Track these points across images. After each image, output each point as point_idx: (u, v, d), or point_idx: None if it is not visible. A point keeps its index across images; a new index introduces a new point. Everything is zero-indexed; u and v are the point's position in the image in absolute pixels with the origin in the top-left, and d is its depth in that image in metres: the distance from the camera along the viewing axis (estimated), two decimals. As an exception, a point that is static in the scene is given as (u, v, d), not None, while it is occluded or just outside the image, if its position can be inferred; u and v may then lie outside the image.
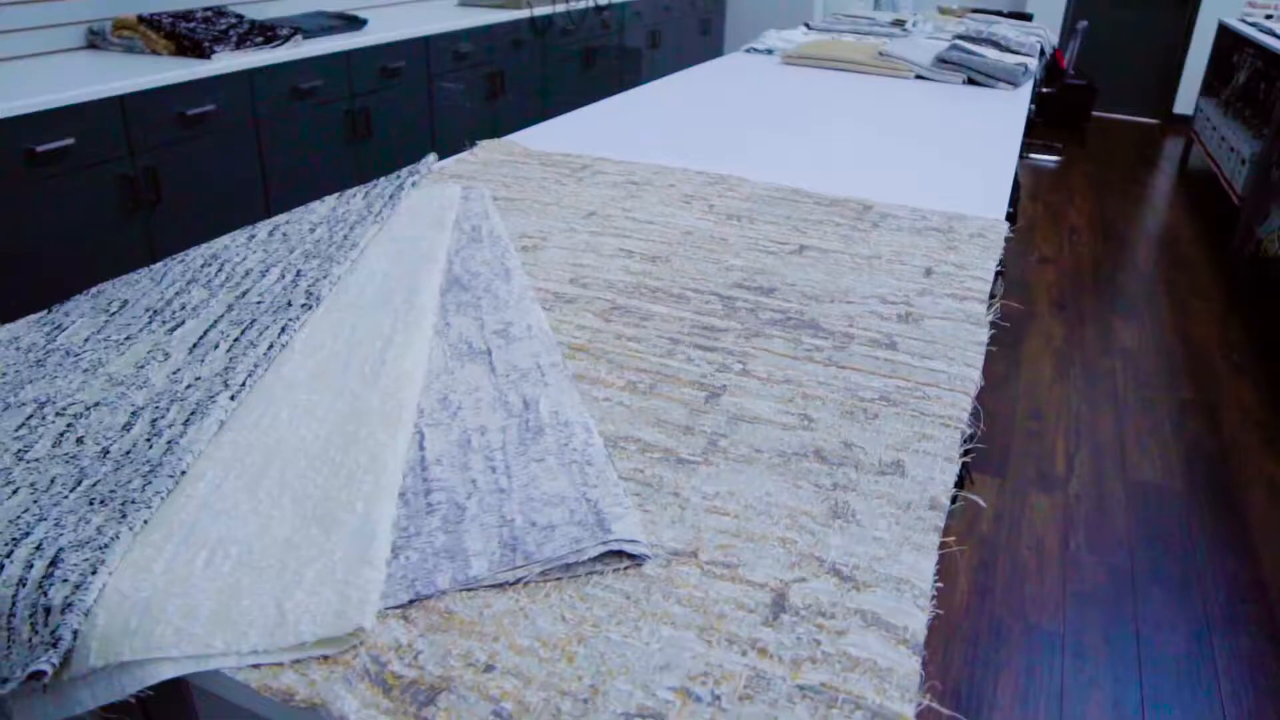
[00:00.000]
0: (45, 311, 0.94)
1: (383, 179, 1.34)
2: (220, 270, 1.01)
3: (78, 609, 0.54)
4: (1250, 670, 1.63)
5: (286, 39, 2.45)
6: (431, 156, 1.45)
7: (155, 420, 0.73)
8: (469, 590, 0.59)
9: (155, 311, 0.92)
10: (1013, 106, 2.19)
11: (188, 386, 0.78)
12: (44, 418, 0.74)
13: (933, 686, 0.56)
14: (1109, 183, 4.50)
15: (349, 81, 2.70)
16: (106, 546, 0.58)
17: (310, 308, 0.91)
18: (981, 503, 0.67)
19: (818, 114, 1.99)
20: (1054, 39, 3.59)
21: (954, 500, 0.72)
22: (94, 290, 0.98)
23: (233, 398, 0.75)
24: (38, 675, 0.53)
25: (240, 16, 2.53)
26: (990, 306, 1.04)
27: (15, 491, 0.65)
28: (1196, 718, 1.54)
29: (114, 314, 0.92)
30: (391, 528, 0.62)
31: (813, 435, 0.78)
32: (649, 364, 0.88)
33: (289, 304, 0.92)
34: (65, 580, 0.56)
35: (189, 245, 2.27)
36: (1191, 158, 4.94)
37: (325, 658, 0.53)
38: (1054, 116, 5.43)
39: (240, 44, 2.35)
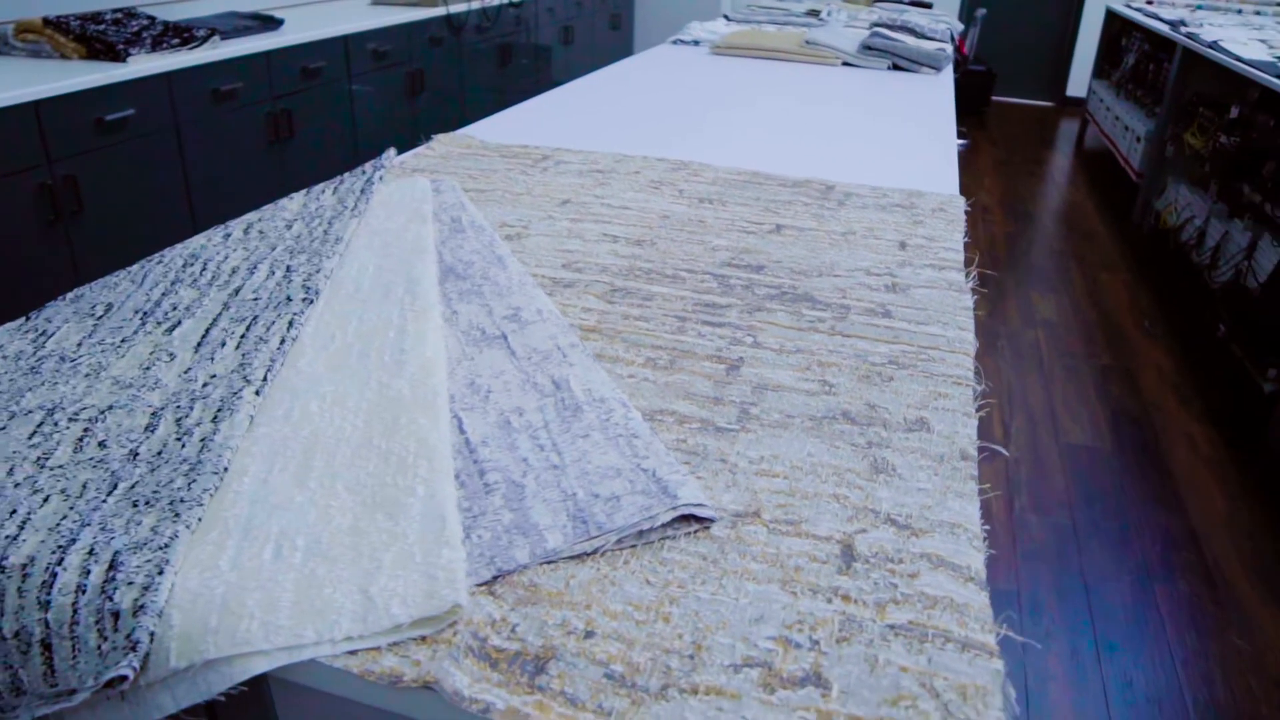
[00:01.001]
0: (23, 319, 0.89)
1: (348, 174, 1.31)
2: (204, 269, 0.98)
3: (151, 610, 0.52)
4: (1191, 611, 1.75)
5: (204, 40, 2.36)
6: (391, 151, 1.43)
7: (180, 420, 0.70)
8: (549, 563, 0.59)
9: (146, 313, 0.88)
10: (940, 90, 2.28)
11: (204, 385, 0.75)
12: (56, 424, 0.70)
13: (1008, 617, 0.59)
14: (1014, 164, 4.72)
15: (270, 83, 2.61)
16: (167, 546, 0.56)
17: (311, 301, 0.89)
18: (1005, 452, 0.71)
19: (759, 101, 2.03)
20: (959, 26, 3.74)
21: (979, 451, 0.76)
22: (72, 295, 0.93)
23: (257, 393, 0.73)
24: (116, 681, 0.51)
25: (152, 18, 2.42)
26: (968, 274, 1.09)
27: (46, 499, 0.62)
28: (1148, 659, 1.64)
29: (100, 318, 0.88)
30: (456, 509, 0.62)
31: (836, 399, 0.80)
32: (663, 341, 0.89)
33: (288, 299, 0.89)
34: (130, 583, 0.53)
35: (114, 254, 2.17)
36: (1087, 138, 5.23)
37: (422, 638, 0.53)
38: (957, 102, 5.65)
39: (156, 46, 2.24)
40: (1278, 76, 2.54)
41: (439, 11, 3.41)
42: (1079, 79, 5.96)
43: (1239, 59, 2.85)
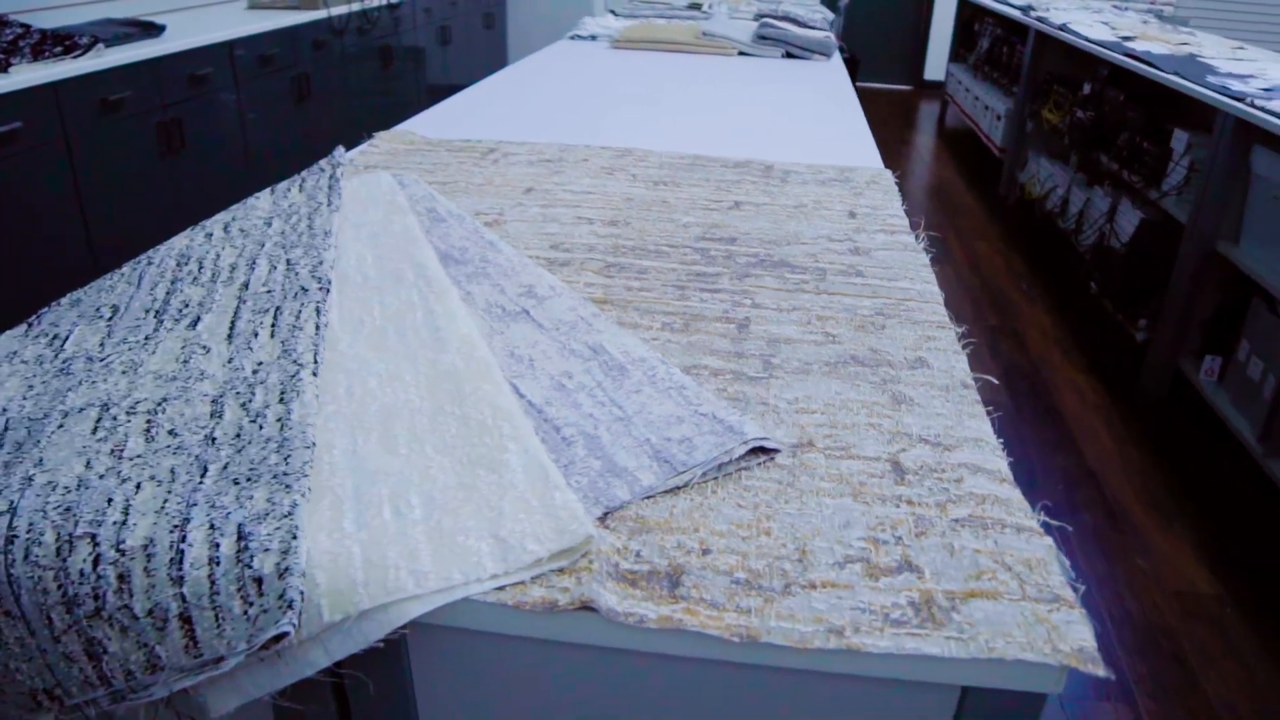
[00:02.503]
0: (24, 326, 0.86)
1: (307, 172, 1.31)
2: (201, 268, 0.97)
3: (295, 571, 0.54)
4: (1096, 541, 1.95)
5: (88, 48, 2.24)
6: (340, 149, 1.42)
7: (245, 404, 0.71)
8: (648, 499, 0.64)
9: (158, 312, 0.87)
10: (836, 74, 2.43)
11: (254, 372, 0.76)
12: (115, 418, 0.70)
13: (1044, 506, 0.68)
14: (883, 144, 5.00)
15: (158, 91, 2.50)
16: (289, 514, 0.58)
17: (327, 291, 0.90)
18: (995, 380, 0.81)
19: (674, 90, 2.11)
20: (830, 15, 3.95)
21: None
22: (68, 300, 0.91)
23: (314, 374, 0.75)
24: (272, 641, 0.53)
25: (27, 26, 2.28)
26: (917, 236, 1.20)
27: (139, 487, 0.62)
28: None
29: (111, 319, 0.86)
30: (550, 461, 0.66)
31: (842, 347, 0.89)
32: (672, 307, 0.95)
33: (303, 289, 0.90)
34: (266, 550, 0.56)
35: (7, 274, 2.03)
36: (948, 118, 5.59)
37: (560, 570, 0.57)
38: (823, 94, 5.93)
39: (37, 55, 2.12)
40: (1125, 55, 2.83)
41: (320, 14, 3.34)
42: (935, 63, 6.36)
43: (1089, 40, 3.14)
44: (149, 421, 0.70)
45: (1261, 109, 2.07)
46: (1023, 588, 0.58)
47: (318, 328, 0.83)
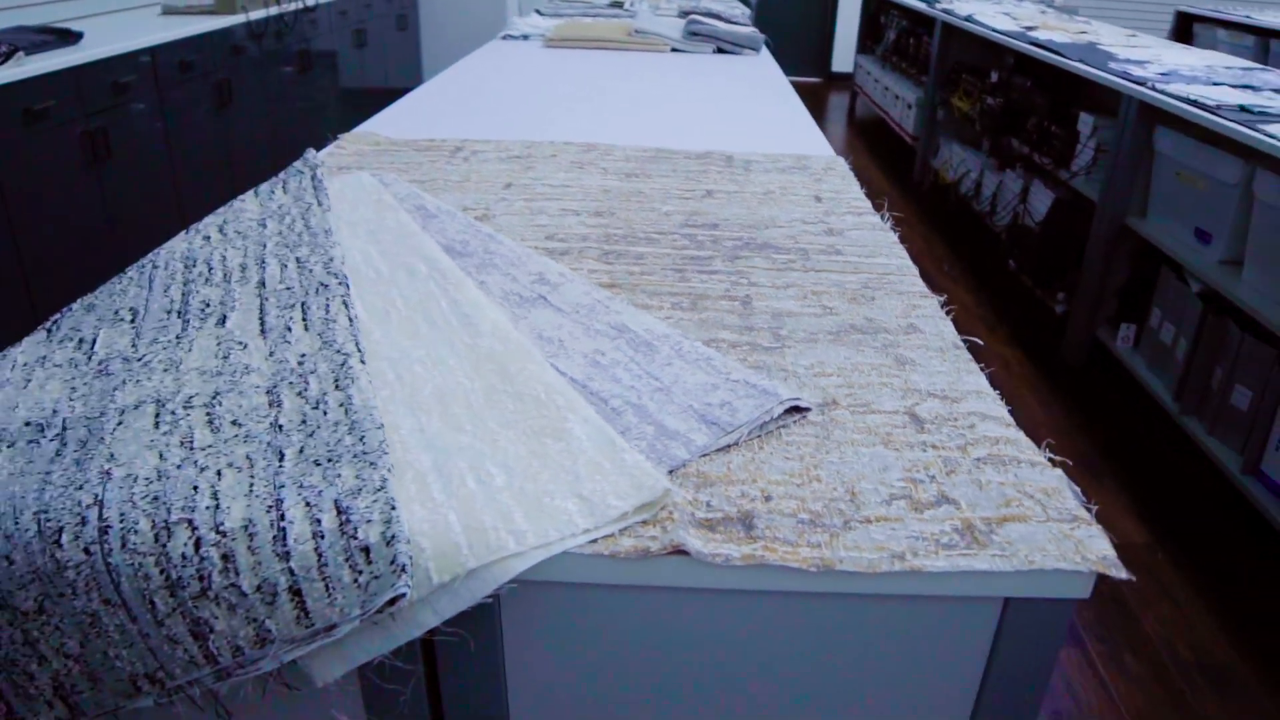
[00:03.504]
0: (44, 332, 0.86)
1: (284, 173, 1.31)
2: (211, 269, 0.98)
3: (401, 538, 0.58)
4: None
5: (8, 56, 2.16)
6: (311, 151, 1.43)
7: (301, 393, 0.74)
8: (704, 456, 0.70)
9: (179, 313, 0.88)
10: (769, 68, 2.52)
11: (300, 363, 0.78)
12: (174, 413, 0.71)
13: (1049, 444, 0.76)
14: (800, 142, 5.17)
15: (81, 100, 2.42)
16: (382, 488, 0.61)
17: (346, 286, 0.93)
18: (980, 342, 0.89)
19: (619, 86, 2.17)
20: (746, 10, 4.06)
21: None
22: (80, 305, 0.91)
23: (361, 361, 0.78)
24: (391, 603, 0.56)
25: (-63, 32, 2.18)
26: (883, 217, 1.29)
27: (219, 474, 0.64)
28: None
29: (134, 321, 0.87)
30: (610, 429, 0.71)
31: (839, 318, 0.96)
32: (677, 289, 1.01)
33: (323, 285, 0.92)
34: (369, 521, 0.59)
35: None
36: (858, 108, 5.80)
37: (643, 522, 0.62)
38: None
39: (-46, 63, 2.03)
40: (1031, 44, 3.01)
41: (239, 19, 3.27)
42: (843, 55, 6.58)
43: (995, 30, 3.33)
44: (209, 414, 0.72)
45: (1162, 92, 2.25)
46: (1045, 511, 0.65)
47: (351, 320, 0.85)
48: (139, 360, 0.80)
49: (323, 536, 0.59)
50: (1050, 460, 0.72)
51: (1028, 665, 0.65)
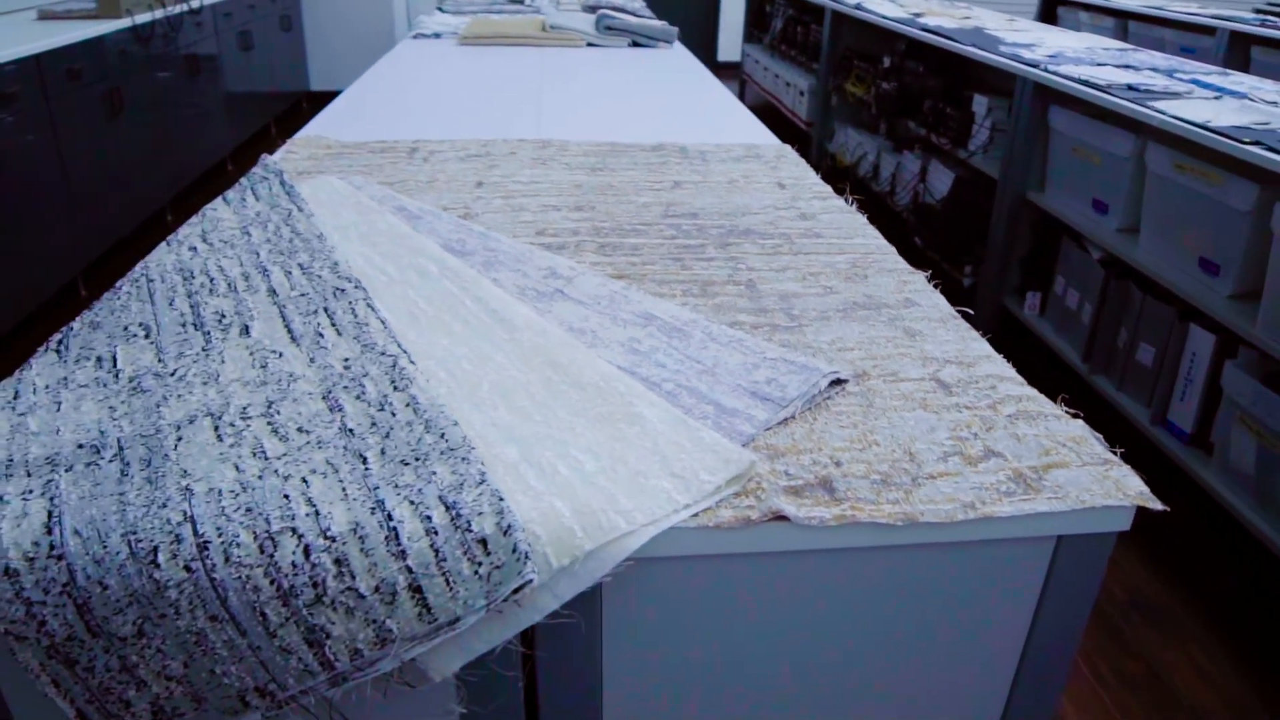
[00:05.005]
0: (54, 353, 0.82)
1: (245, 180, 1.27)
2: (213, 280, 0.95)
3: (517, 527, 0.59)
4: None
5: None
6: (266, 156, 1.39)
7: (359, 396, 0.73)
8: (767, 430, 0.73)
9: (196, 325, 0.86)
10: (688, 60, 2.58)
11: (346, 367, 0.78)
12: (233, 425, 0.70)
13: (1063, 398, 0.83)
14: (700, 132, 5.26)
15: (-36, 110, 2.26)
16: (483, 481, 0.62)
17: (363, 289, 0.92)
18: (970, 311, 0.96)
19: (549, 82, 2.17)
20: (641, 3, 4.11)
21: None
22: (83, 323, 0.87)
23: (411, 362, 0.78)
24: (517, 590, 0.58)
25: None
26: (847, 200, 1.35)
27: (305, 481, 0.64)
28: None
29: (149, 337, 0.84)
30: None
31: (841, 296, 1.01)
32: (682, 276, 1.04)
33: (340, 290, 0.91)
34: (480, 514, 0.60)
35: None
36: (748, 96, 5.93)
37: (736, 494, 0.65)
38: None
39: None
40: (922, 30, 3.17)
41: (124, 23, 3.09)
42: (729, 45, 6.72)
43: (886, 18, 3.48)
44: (270, 423, 0.71)
45: (1054, 74, 2.42)
46: (1080, 457, 0.72)
47: (384, 322, 0.85)
48: (173, 375, 0.77)
49: (436, 532, 0.59)
50: (1068, 413, 0.79)
51: (1075, 597, 0.71)
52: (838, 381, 0.81)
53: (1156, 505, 0.67)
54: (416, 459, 0.66)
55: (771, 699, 0.73)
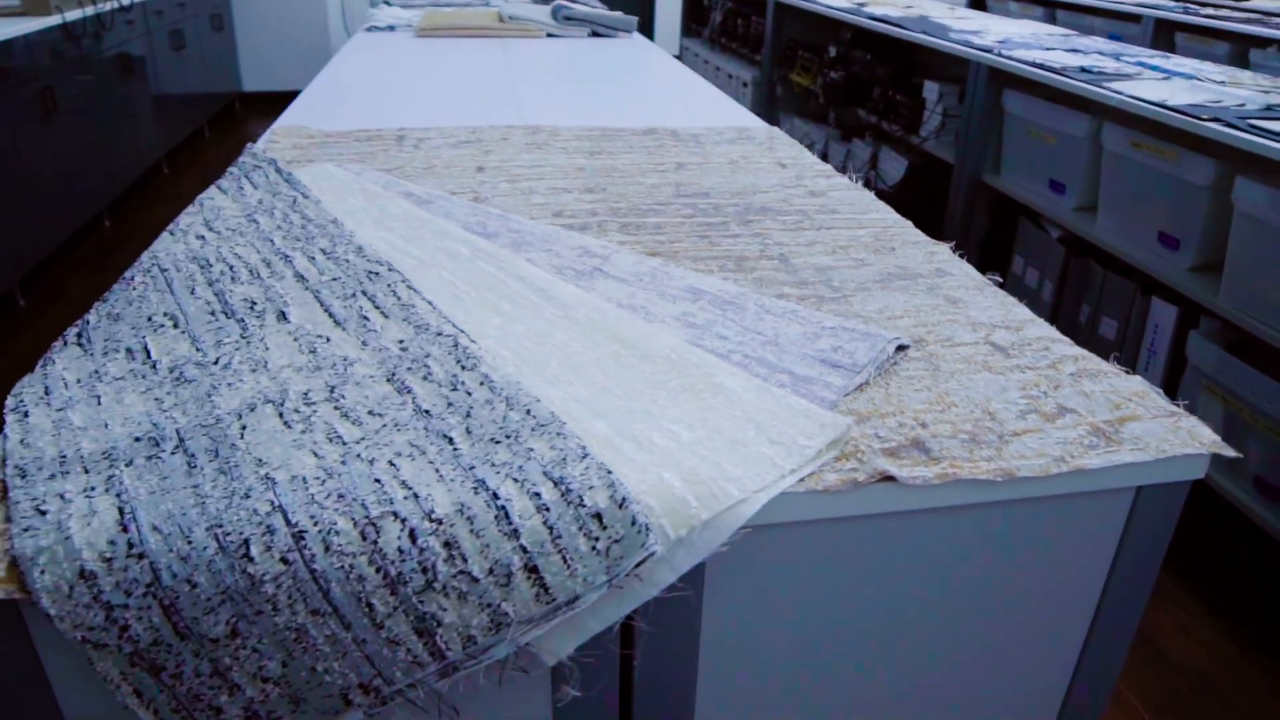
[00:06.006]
0: (75, 347, 0.76)
1: (235, 170, 1.21)
2: (232, 267, 0.90)
3: (632, 500, 0.57)
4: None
5: None
6: (252, 145, 1.33)
7: (426, 378, 0.70)
8: (846, 395, 0.73)
9: (226, 313, 0.81)
10: (651, 48, 2.56)
11: (404, 349, 0.74)
12: (297, 411, 0.66)
13: (1115, 356, 0.85)
14: (645, 126, 5.25)
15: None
16: (586, 455, 0.60)
17: (398, 272, 0.88)
18: (1000, 279, 0.98)
19: (517, 71, 2.14)
20: None
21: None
22: (101, 314, 0.81)
23: (472, 340, 0.75)
24: (639, 564, 0.56)
25: None
26: (851, 178, 1.36)
27: (392, 464, 0.61)
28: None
29: (178, 327, 0.79)
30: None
31: (874, 268, 1.01)
32: (715, 252, 1.03)
33: (373, 274, 0.88)
34: (591, 488, 0.58)
35: None
36: (692, 96, 5.96)
37: (835, 458, 0.64)
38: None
39: None
40: (871, 18, 3.22)
41: (54, 21, 2.94)
42: (665, 40, 6.73)
43: (833, 8, 3.53)
44: (337, 408, 0.67)
45: (1009, 58, 2.48)
46: (1148, 410, 0.73)
47: (431, 303, 0.81)
48: (216, 364, 0.73)
49: (547, 509, 0.57)
50: (1124, 370, 0.80)
51: (1151, 545, 0.73)
52: (900, 348, 0.81)
53: (1229, 452, 0.69)
54: (507, 436, 0.63)
55: (863, 660, 0.72)
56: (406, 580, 0.55)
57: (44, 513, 0.57)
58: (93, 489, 0.59)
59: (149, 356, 0.75)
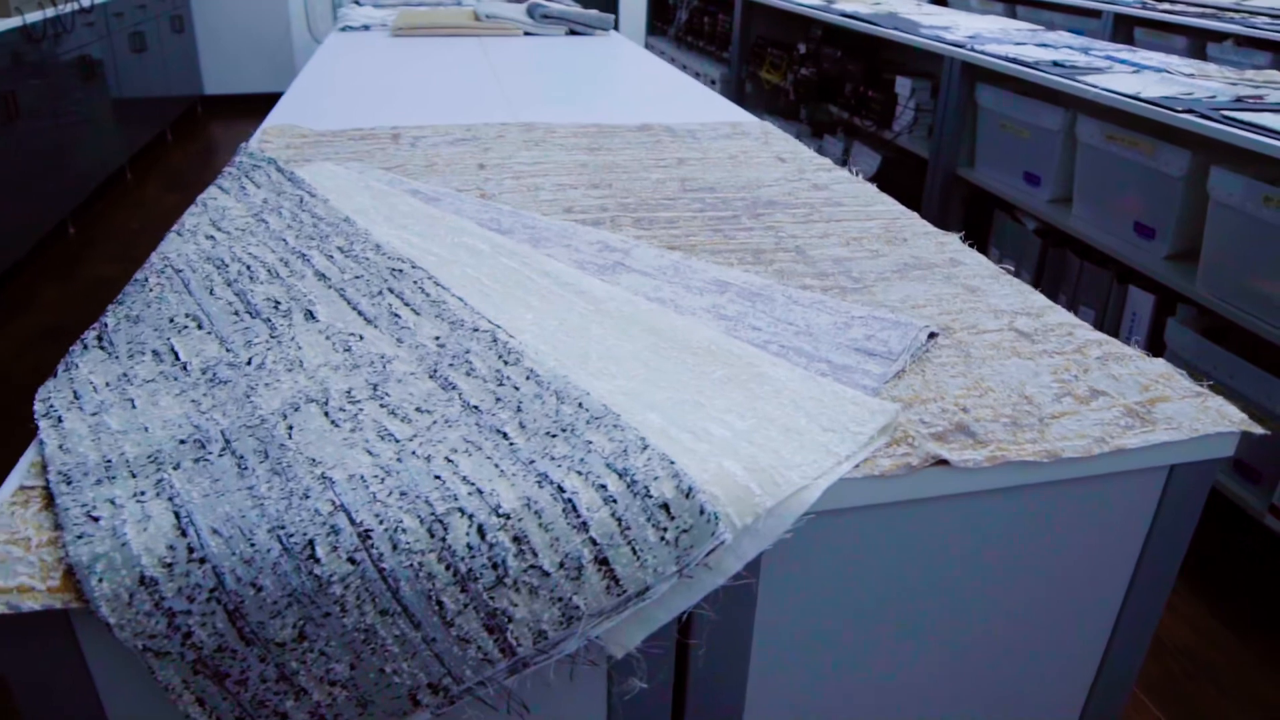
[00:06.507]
0: (97, 351, 0.74)
1: (233, 169, 1.19)
2: (248, 267, 0.88)
3: (697, 489, 0.57)
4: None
5: None
6: (244, 144, 1.31)
7: (469, 373, 0.69)
8: (887, 383, 0.73)
9: (250, 313, 0.80)
10: (630, 46, 2.56)
11: (441, 345, 0.73)
12: (343, 410, 0.65)
13: (1136, 340, 0.87)
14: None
15: None
16: (647, 446, 0.60)
17: (420, 268, 0.87)
18: (1011, 268, 1.00)
19: (499, 69, 2.12)
20: None
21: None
22: (119, 317, 0.79)
23: (510, 336, 0.74)
24: (709, 553, 0.56)
25: None
26: (853, 171, 1.37)
27: (449, 460, 0.60)
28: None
29: (204, 328, 0.77)
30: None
31: (889, 259, 1.02)
32: (731, 245, 1.03)
33: (396, 271, 0.86)
34: (656, 479, 0.58)
35: None
36: (659, 95, 5.97)
37: (886, 444, 0.65)
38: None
39: None
40: (842, 15, 3.25)
41: (14, 22, 2.86)
42: (631, 37, 6.72)
43: (804, 5, 3.56)
44: (383, 405, 0.66)
45: (983, 53, 2.52)
46: (1175, 391, 0.75)
47: (462, 300, 0.81)
48: (249, 364, 0.72)
49: (614, 501, 0.57)
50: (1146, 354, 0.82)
51: (1182, 521, 0.74)
52: (931, 335, 0.82)
53: (1259, 430, 0.71)
54: (563, 430, 0.63)
55: (911, 641, 0.73)
56: (477, 576, 0.55)
57: (96, 519, 0.55)
58: (142, 493, 0.58)
59: (177, 358, 0.73)
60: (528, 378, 0.69)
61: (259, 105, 5.63)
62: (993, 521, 0.69)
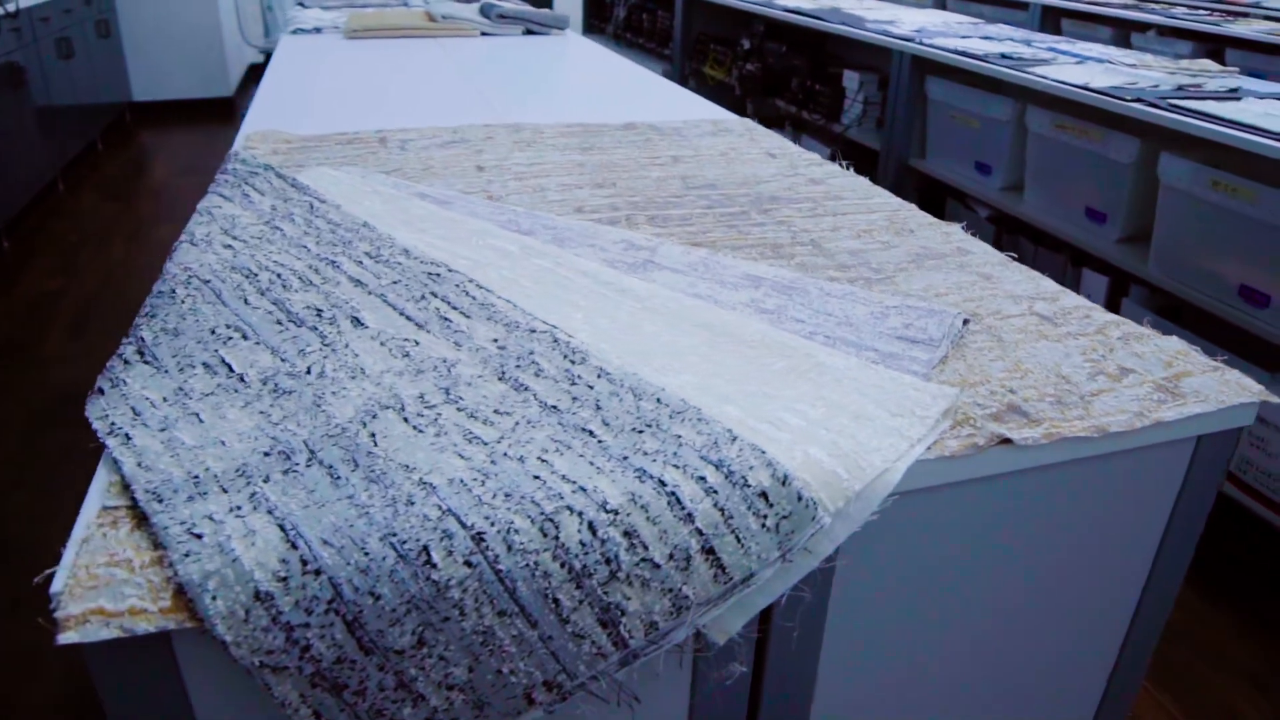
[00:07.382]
0: (140, 364, 0.73)
1: (229, 177, 1.17)
2: (279, 276, 0.87)
3: (792, 476, 0.59)
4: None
5: None
6: (234, 151, 1.28)
7: (538, 374, 0.70)
8: (933, 369, 0.76)
9: (295, 323, 0.79)
10: (586, 44, 2.57)
11: (501, 347, 0.74)
12: (420, 414, 0.65)
13: (1148, 319, 0.92)
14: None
15: None
16: (736, 437, 0.62)
17: (456, 271, 0.87)
18: (1015, 256, 1.04)
19: (468, 71, 2.11)
20: None
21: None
22: (157, 330, 0.77)
23: (571, 336, 0.75)
24: (811, 535, 0.58)
25: None
26: (844, 166, 1.41)
27: (542, 460, 0.61)
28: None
29: (249, 339, 0.76)
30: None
31: (900, 250, 1.06)
32: (749, 240, 1.05)
33: (433, 275, 0.86)
34: (751, 468, 0.59)
35: None
36: (601, 93, 5.97)
37: (950, 426, 0.68)
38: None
39: None
40: (786, 10, 3.30)
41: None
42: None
43: (747, 0, 3.60)
44: (460, 409, 0.66)
45: (931, 46, 2.60)
46: (1194, 366, 0.80)
47: (511, 301, 0.81)
48: (309, 373, 0.71)
49: (715, 491, 0.58)
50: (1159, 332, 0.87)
51: (1207, 486, 0.79)
52: (964, 322, 0.85)
53: (1276, 399, 0.76)
54: (648, 425, 0.64)
55: (974, 616, 0.77)
56: (591, 572, 0.56)
57: (199, 536, 0.55)
58: (239, 508, 0.57)
59: (231, 370, 0.72)
60: (599, 376, 0.70)
61: (189, 112, 5.45)
62: (1047, 496, 0.73)
